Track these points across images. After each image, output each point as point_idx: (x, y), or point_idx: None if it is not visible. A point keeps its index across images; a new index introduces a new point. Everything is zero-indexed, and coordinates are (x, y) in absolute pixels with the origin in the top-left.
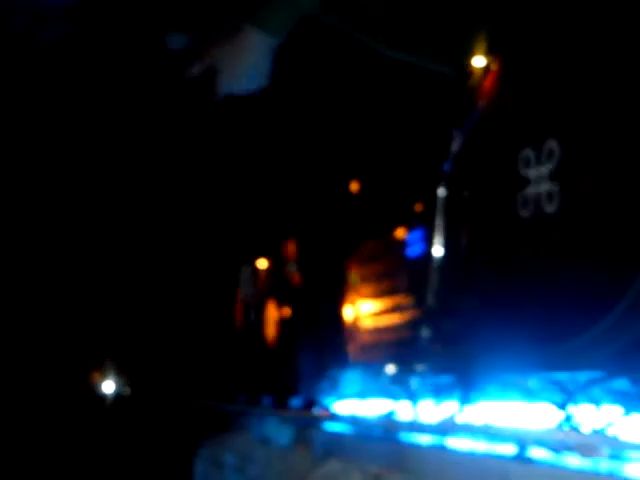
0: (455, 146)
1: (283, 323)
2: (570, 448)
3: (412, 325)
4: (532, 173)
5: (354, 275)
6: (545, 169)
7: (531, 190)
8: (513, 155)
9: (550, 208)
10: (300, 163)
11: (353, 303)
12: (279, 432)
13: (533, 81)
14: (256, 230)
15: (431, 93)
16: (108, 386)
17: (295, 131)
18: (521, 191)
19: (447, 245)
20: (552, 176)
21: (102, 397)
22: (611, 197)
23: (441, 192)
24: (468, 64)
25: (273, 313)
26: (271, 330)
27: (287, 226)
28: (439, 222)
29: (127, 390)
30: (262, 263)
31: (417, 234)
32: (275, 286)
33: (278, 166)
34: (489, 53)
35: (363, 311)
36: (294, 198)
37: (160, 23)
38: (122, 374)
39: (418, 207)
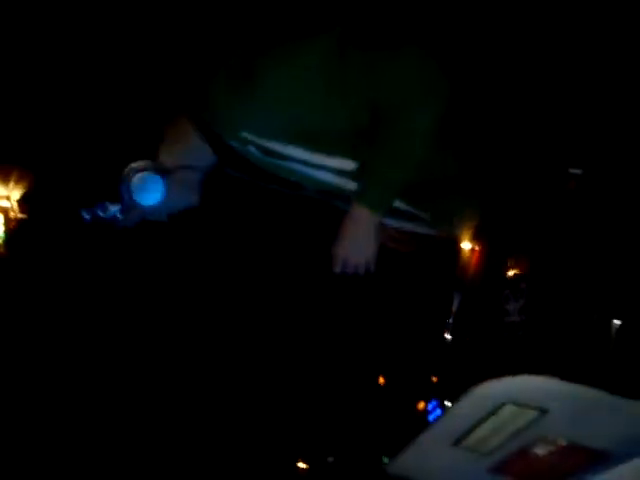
0: (455, 305)
1: None
2: None
3: None
4: (510, 307)
5: None
6: (518, 304)
7: (508, 319)
8: (498, 300)
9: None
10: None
11: None
12: None
13: (506, 252)
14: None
15: (434, 269)
16: None
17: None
18: (502, 320)
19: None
20: (521, 310)
21: None
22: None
23: (448, 338)
24: (459, 248)
25: None
26: None
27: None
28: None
29: None
30: None
31: (435, 403)
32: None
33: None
34: (473, 240)
35: None
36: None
37: None
38: None
39: (434, 379)
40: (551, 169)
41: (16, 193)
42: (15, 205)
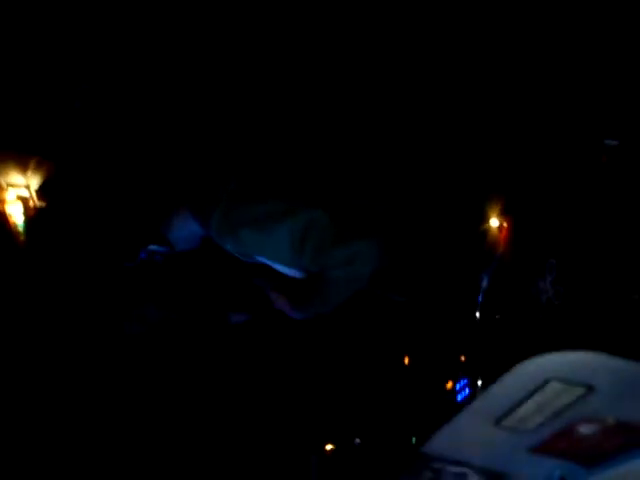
0: (484, 284)
1: None
2: None
3: None
4: (541, 285)
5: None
6: (549, 278)
7: (543, 297)
8: (528, 279)
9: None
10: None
11: None
12: None
13: (533, 230)
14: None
15: (461, 249)
16: None
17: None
18: (537, 301)
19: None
20: (553, 283)
21: None
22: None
23: (477, 315)
24: (487, 225)
25: None
26: None
27: (349, 408)
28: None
29: None
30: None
31: (463, 382)
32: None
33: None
34: (501, 216)
35: None
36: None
37: None
38: None
39: (462, 358)
40: (583, 141)
41: (35, 182)
42: (34, 194)
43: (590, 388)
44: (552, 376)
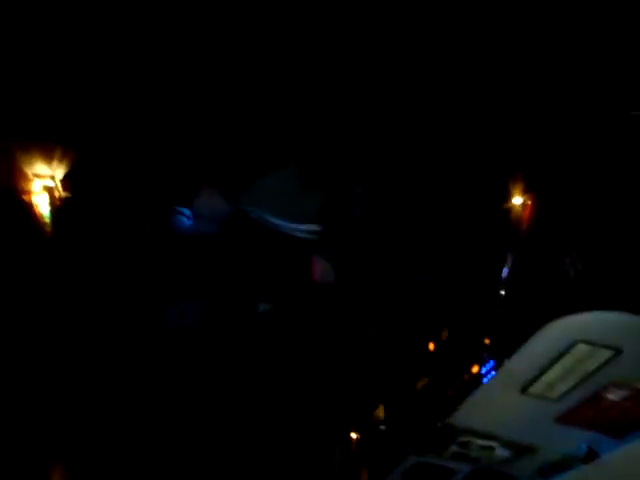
0: (509, 261)
1: None
2: None
3: None
4: (568, 260)
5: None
6: (575, 253)
7: (570, 273)
8: (554, 256)
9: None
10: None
11: None
12: None
13: (555, 207)
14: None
15: (486, 229)
16: None
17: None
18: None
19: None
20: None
21: None
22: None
23: (502, 293)
24: (509, 203)
25: None
26: None
27: (374, 396)
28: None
29: None
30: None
31: (489, 365)
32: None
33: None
34: (524, 194)
35: None
36: (379, 371)
37: None
38: None
39: (487, 341)
40: (609, 113)
41: (60, 172)
42: (59, 184)
43: (618, 351)
44: (579, 338)
